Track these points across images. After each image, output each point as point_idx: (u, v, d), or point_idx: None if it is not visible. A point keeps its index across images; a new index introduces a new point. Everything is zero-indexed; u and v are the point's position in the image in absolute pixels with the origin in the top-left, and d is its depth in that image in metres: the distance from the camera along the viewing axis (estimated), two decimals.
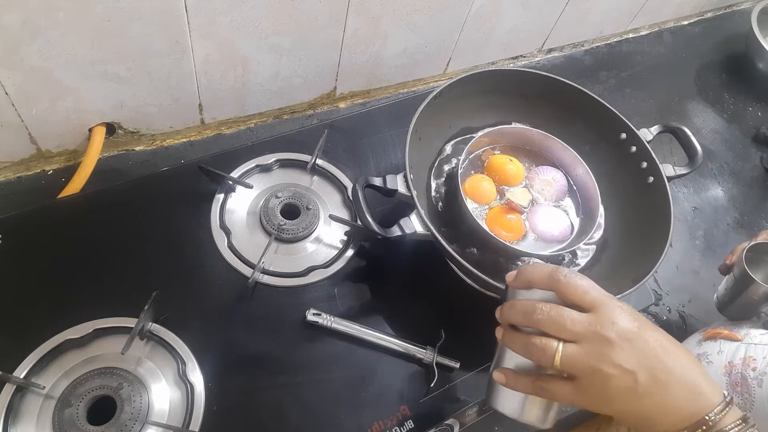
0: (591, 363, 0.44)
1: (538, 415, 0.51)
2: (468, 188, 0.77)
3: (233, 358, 0.66)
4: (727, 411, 0.43)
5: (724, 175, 1.10)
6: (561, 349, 0.45)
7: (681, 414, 0.43)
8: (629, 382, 0.43)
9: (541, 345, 0.46)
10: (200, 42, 0.74)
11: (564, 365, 0.45)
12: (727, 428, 0.42)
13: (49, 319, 0.63)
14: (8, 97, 0.69)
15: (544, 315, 0.46)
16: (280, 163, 0.81)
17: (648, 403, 0.43)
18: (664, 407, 0.43)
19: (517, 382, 0.49)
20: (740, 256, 0.76)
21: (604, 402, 0.44)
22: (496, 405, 0.53)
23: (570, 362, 0.44)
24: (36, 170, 0.81)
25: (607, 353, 0.43)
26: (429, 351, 0.68)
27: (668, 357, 0.44)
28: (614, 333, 0.44)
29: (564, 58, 1.19)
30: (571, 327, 0.45)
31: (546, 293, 0.49)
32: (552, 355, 0.45)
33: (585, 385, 0.45)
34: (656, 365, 0.44)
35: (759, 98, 1.23)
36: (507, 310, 0.50)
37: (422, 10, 0.88)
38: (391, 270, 0.76)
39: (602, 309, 0.45)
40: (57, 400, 0.59)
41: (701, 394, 0.44)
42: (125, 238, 0.71)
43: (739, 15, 1.39)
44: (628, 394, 0.43)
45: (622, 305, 0.46)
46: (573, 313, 0.46)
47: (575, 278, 0.47)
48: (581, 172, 0.81)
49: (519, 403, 0.52)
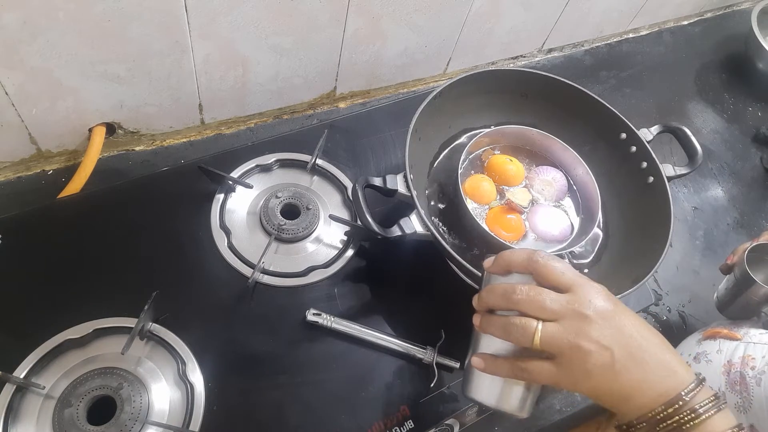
0: (570, 339, 0.45)
1: (515, 401, 0.51)
2: (468, 188, 0.77)
3: (233, 358, 0.66)
4: (700, 389, 0.44)
5: (724, 175, 1.10)
6: (540, 327, 0.46)
7: (656, 391, 0.44)
8: (607, 358, 0.44)
9: (521, 324, 0.46)
10: (200, 42, 0.75)
11: (544, 343, 0.46)
12: (700, 405, 0.43)
13: (49, 319, 0.63)
14: (8, 97, 0.69)
15: (523, 295, 0.47)
16: (280, 163, 0.81)
17: (625, 380, 0.44)
18: (640, 384, 0.44)
19: (497, 366, 0.49)
20: (742, 256, 0.76)
21: (583, 378, 0.45)
22: (473, 393, 0.53)
23: (549, 340, 0.45)
24: (36, 170, 0.81)
25: (585, 329, 0.45)
26: (429, 351, 0.68)
27: (643, 337, 0.46)
28: (592, 311, 0.45)
29: (564, 58, 1.19)
30: (550, 305, 0.46)
31: (523, 278, 0.50)
32: (532, 333, 0.46)
33: (565, 362, 0.45)
34: (632, 343, 0.45)
35: (759, 98, 1.23)
36: (486, 294, 0.51)
37: (422, 10, 0.88)
38: (391, 270, 0.76)
39: (579, 289, 0.47)
40: (57, 400, 0.59)
41: (675, 372, 0.45)
42: (125, 238, 0.71)
43: (739, 15, 1.39)
44: (606, 370, 0.44)
45: (598, 287, 0.48)
46: (551, 293, 0.47)
47: (552, 260, 0.48)
48: (581, 172, 0.81)
49: (496, 389, 0.51)
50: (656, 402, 0.44)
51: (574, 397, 0.78)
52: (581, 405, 0.77)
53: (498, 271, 0.51)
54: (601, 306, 0.46)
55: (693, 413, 0.43)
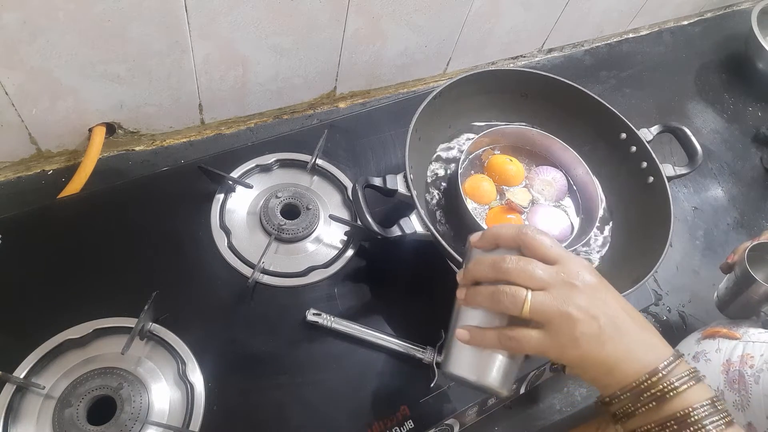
0: (560, 307, 0.45)
1: (497, 375, 0.50)
2: (468, 188, 0.77)
3: (233, 358, 0.66)
4: (678, 363, 0.45)
5: (724, 175, 1.10)
6: (530, 296, 0.46)
7: (640, 363, 0.45)
8: (594, 328, 0.45)
9: (511, 292, 0.47)
10: (200, 42, 0.75)
11: (533, 311, 0.46)
12: (677, 378, 0.44)
13: (49, 319, 0.63)
14: (8, 97, 0.69)
15: (513, 264, 0.48)
16: (280, 163, 0.81)
17: (610, 349, 0.45)
18: (624, 355, 0.45)
19: (483, 336, 0.49)
20: (742, 255, 0.76)
21: (571, 346, 0.45)
22: (453, 368, 0.51)
23: (539, 307, 0.46)
24: (36, 170, 0.81)
25: (574, 298, 0.46)
26: (429, 351, 0.68)
27: (626, 312, 0.47)
28: (580, 282, 0.46)
29: (564, 58, 1.19)
30: (540, 275, 0.47)
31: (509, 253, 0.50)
32: (522, 301, 0.46)
33: (553, 330, 0.46)
34: (617, 315, 0.46)
35: (759, 98, 1.23)
36: (474, 266, 0.51)
37: (422, 10, 0.88)
38: (391, 270, 0.76)
39: (567, 262, 0.48)
40: (57, 400, 0.59)
41: (656, 346, 0.46)
42: (125, 238, 0.71)
43: (739, 15, 1.39)
44: (592, 338, 0.45)
45: (584, 261, 0.49)
46: (540, 264, 0.48)
47: (540, 234, 0.49)
48: (581, 172, 0.81)
49: (478, 364, 0.50)
50: (639, 372, 0.45)
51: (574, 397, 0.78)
52: (581, 405, 0.78)
53: (485, 245, 0.52)
54: (588, 279, 0.47)
55: (673, 384, 0.44)
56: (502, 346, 0.48)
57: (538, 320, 0.46)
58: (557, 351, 0.46)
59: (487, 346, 0.49)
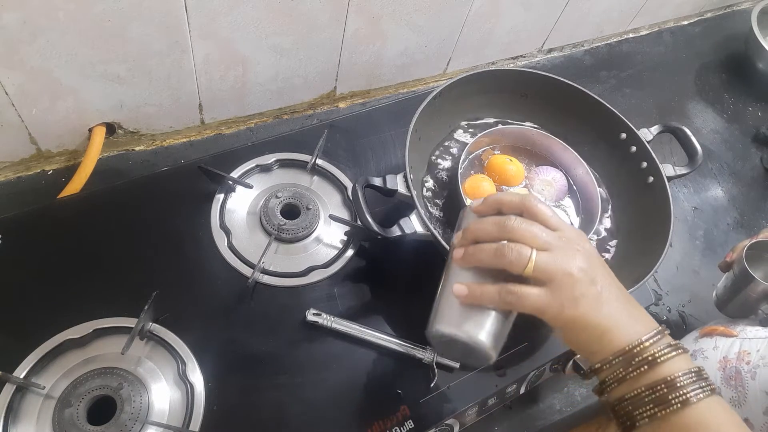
0: (562, 266, 0.47)
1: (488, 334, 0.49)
2: (468, 188, 0.77)
3: (233, 358, 0.66)
4: (665, 335, 0.47)
5: (724, 175, 1.10)
6: (535, 254, 0.47)
7: (630, 329, 0.46)
8: (593, 290, 0.47)
9: (517, 248, 0.47)
10: (200, 42, 0.75)
11: (537, 269, 0.47)
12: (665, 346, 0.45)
13: (49, 319, 0.63)
14: (8, 97, 0.69)
15: (519, 223, 0.49)
16: (280, 163, 0.81)
17: (605, 313, 0.47)
18: (616, 321, 0.47)
19: (483, 290, 0.49)
20: (741, 253, 0.77)
21: (571, 305, 0.46)
22: (442, 325, 0.50)
23: (543, 266, 0.47)
24: (36, 170, 0.81)
25: (576, 260, 0.47)
26: (429, 351, 0.68)
27: (617, 284, 0.50)
28: (580, 247, 0.49)
29: (564, 58, 1.19)
30: (545, 236, 0.48)
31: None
32: (527, 257, 0.47)
33: (554, 288, 0.47)
34: (612, 283, 0.49)
35: (759, 98, 1.23)
36: (476, 225, 0.51)
37: (422, 10, 0.88)
38: (391, 270, 0.76)
39: (567, 230, 0.50)
40: (57, 400, 0.59)
41: (644, 318, 0.48)
42: (125, 238, 0.71)
43: (739, 15, 1.39)
44: (591, 300, 0.47)
45: (582, 232, 0.52)
46: (543, 227, 0.49)
47: (543, 203, 0.51)
48: (581, 172, 0.81)
49: (470, 319, 0.49)
50: (632, 338, 0.46)
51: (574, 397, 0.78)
52: (581, 405, 0.78)
53: (487, 210, 0.52)
54: (587, 246, 0.49)
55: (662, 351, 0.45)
56: (501, 300, 0.48)
57: (539, 278, 0.47)
58: (555, 309, 0.47)
59: (485, 300, 0.49)
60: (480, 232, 0.50)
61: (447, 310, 0.51)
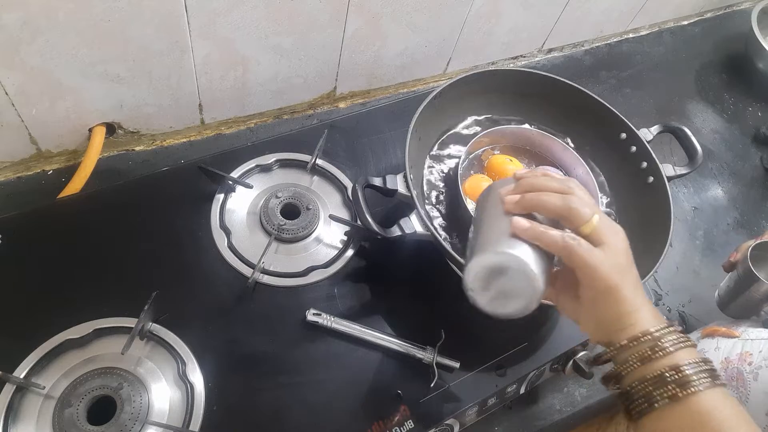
0: (618, 234, 0.49)
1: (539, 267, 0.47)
2: (468, 188, 0.77)
3: (233, 358, 0.66)
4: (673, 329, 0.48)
5: (724, 175, 1.10)
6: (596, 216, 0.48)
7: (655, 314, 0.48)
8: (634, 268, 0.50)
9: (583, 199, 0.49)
10: (200, 42, 0.75)
11: (598, 228, 0.48)
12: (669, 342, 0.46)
13: (49, 319, 0.63)
14: (8, 97, 0.69)
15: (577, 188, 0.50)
16: (280, 163, 0.81)
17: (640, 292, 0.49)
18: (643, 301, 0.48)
19: (546, 230, 0.48)
20: (745, 253, 0.76)
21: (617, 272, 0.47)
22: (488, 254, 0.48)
23: (603, 227, 0.48)
24: (36, 170, 0.81)
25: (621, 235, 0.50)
26: (429, 351, 0.68)
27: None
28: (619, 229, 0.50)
29: (564, 58, 1.19)
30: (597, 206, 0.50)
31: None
32: (589, 214, 0.48)
33: (608, 251, 0.48)
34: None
35: (759, 98, 1.23)
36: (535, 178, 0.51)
37: (422, 10, 0.88)
38: (391, 270, 0.76)
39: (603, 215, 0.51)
40: (57, 400, 0.59)
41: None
42: (125, 238, 0.71)
43: (739, 15, 1.39)
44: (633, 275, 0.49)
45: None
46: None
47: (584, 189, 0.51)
48: (581, 172, 0.81)
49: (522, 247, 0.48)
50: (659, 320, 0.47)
51: (574, 397, 0.78)
52: (581, 405, 0.78)
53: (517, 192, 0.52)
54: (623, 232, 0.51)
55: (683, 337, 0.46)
56: (562, 244, 0.48)
57: (595, 238, 0.48)
58: (605, 272, 0.47)
59: (545, 239, 0.48)
60: (538, 184, 0.51)
61: (494, 241, 0.49)
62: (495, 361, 0.70)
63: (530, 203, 0.50)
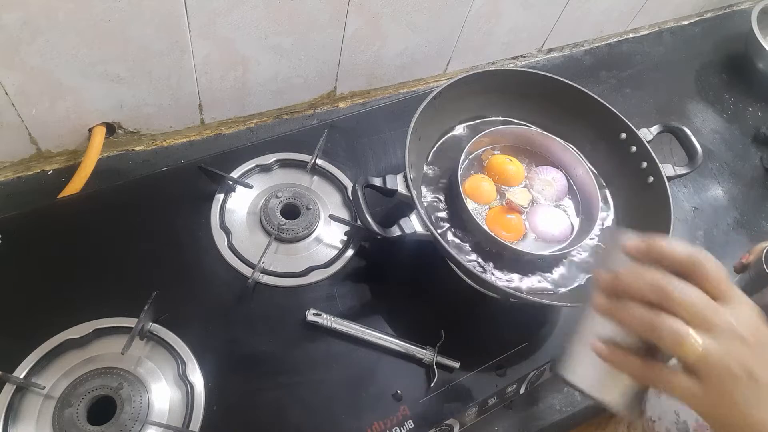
0: (725, 362, 0.39)
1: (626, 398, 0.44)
2: (468, 188, 0.77)
3: (233, 358, 0.66)
4: None
5: (724, 175, 1.10)
6: (694, 339, 0.39)
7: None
8: (754, 390, 0.39)
9: (675, 329, 0.39)
10: (200, 42, 0.75)
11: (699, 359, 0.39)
12: None
13: (49, 319, 0.63)
14: (8, 97, 0.69)
15: (682, 294, 0.40)
16: (280, 163, 0.81)
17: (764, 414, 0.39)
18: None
19: (626, 362, 0.42)
20: (759, 255, 0.76)
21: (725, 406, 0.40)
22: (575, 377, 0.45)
23: (705, 359, 0.39)
24: (36, 170, 0.81)
25: (741, 352, 0.39)
26: (429, 351, 0.68)
27: None
28: (750, 333, 0.40)
29: (564, 58, 1.19)
30: (711, 316, 0.39)
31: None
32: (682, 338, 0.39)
33: (710, 385, 0.39)
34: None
35: (759, 98, 1.23)
36: (629, 277, 0.42)
37: (422, 10, 0.88)
38: (391, 270, 0.76)
39: (738, 304, 0.41)
40: (57, 400, 0.59)
41: None
42: (125, 238, 0.71)
43: (739, 15, 1.38)
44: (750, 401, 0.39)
45: (755, 306, 0.42)
46: (711, 301, 0.40)
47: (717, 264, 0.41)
48: (581, 172, 0.81)
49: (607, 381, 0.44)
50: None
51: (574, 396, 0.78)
52: (581, 405, 0.77)
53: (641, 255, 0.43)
54: (759, 330, 0.41)
55: None
56: (644, 380, 0.42)
57: (696, 368, 0.39)
58: (707, 408, 0.40)
59: (626, 370, 0.43)
60: (632, 288, 0.41)
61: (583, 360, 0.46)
62: (495, 361, 0.70)
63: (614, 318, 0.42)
